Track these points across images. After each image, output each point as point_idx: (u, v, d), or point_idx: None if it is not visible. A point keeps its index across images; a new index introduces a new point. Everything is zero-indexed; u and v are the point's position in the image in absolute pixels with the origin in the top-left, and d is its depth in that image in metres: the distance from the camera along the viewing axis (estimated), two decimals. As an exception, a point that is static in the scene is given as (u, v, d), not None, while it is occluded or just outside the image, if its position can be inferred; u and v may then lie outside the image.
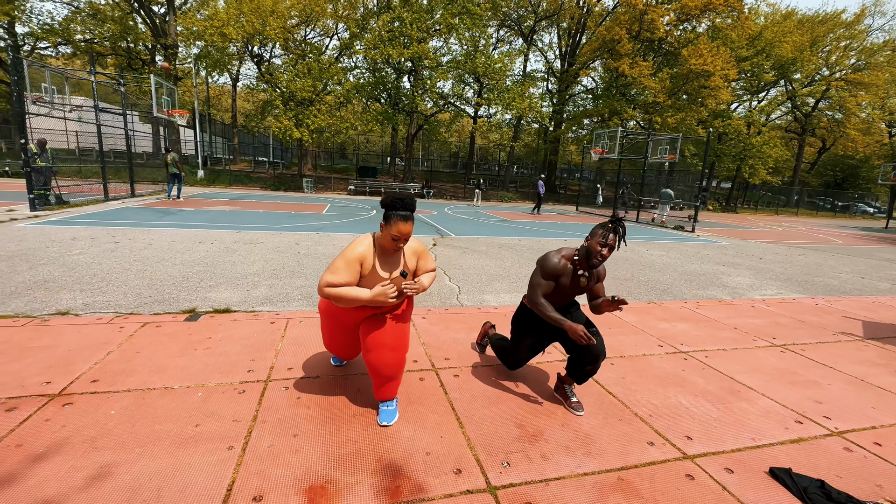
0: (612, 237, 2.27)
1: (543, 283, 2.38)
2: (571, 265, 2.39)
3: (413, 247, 2.27)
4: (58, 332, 3.00)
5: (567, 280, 2.39)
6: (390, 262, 2.18)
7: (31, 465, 1.74)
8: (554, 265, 2.36)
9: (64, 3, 21.10)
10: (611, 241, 2.27)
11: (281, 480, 1.75)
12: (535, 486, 1.82)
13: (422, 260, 2.31)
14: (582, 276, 2.39)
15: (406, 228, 2.03)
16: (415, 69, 22.43)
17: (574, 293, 2.46)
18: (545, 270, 2.37)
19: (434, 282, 2.39)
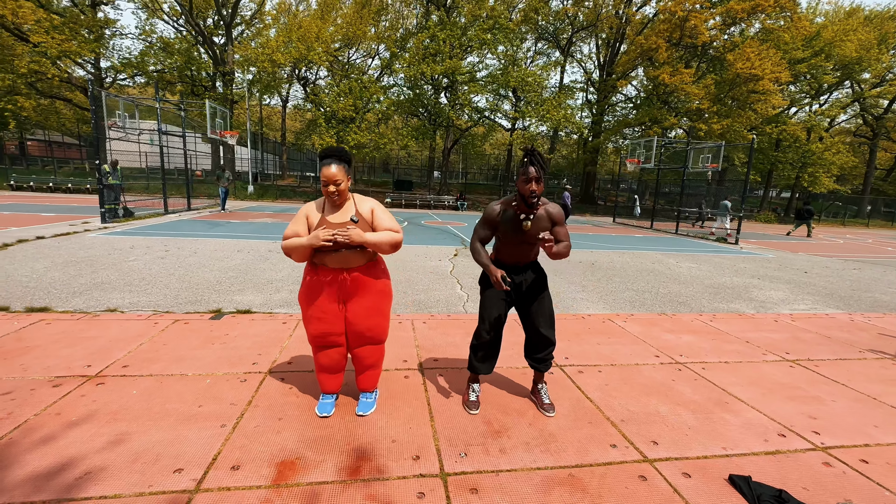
0: (532, 169, 2.15)
1: (480, 231, 2.40)
2: (511, 210, 2.32)
3: (370, 203, 2.29)
4: (104, 326, 3.49)
5: (509, 226, 2.32)
6: (339, 214, 2.21)
7: (65, 429, 2.11)
8: (489, 211, 2.35)
9: (140, 39, 23.72)
10: (532, 174, 2.14)
11: (259, 455, 2.00)
12: (485, 475, 1.95)
13: (376, 212, 2.27)
14: (524, 220, 2.28)
15: (327, 171, 2.11)
16: (451, 85, 23.05)
17: (521, 240, 2.34)
18: (483, 218, 2.38)
19: (391, 243, 2.22)
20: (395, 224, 2.29)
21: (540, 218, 2.30)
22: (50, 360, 2.84)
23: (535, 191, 2.16)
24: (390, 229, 2.24)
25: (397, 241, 2.25)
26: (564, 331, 3.97)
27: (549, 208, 2.32)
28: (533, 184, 2.15)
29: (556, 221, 2.34)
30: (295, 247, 2.16)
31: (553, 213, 2.33)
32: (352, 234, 2.10)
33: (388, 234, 2.21)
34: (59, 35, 19.32)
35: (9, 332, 3.24)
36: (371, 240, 2.16)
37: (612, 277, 6.72)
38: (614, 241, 12.21)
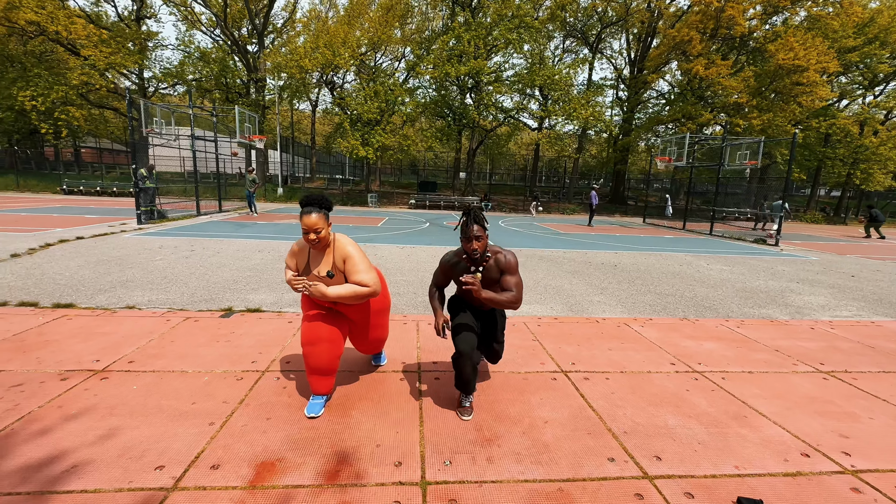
0: (473, 228, 2.24)
1: (439, 277, 2.54)
2: (462, 262, 2.42)
3: (344, 251, 2.30)
4: (120, 322, 3.62)
5: (460, 275, 2.41)
6: (323, 260, 2.32)
7: (62, 422, 2.17)
8: (445, 262, 2.49)
9: (179, 49, 24.95)
10: (473, 232, 2.23)
11: (240, 454, 1.99)
12: (467, 485, 1.85)
13: (347, 264, 2.28)
14: (473, 272, 2.36)
15: (307, 220, 2.17)
16: (476, 85, 22.94)
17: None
18: (439, 265, 2.52)
19: (356, 296, 2.23)
20: (364, 276, 2.25)
21: (489, 269, 2.38)
22: (64, 354, 2.96)
23: (476, 249, 2.25)
24: (358, 282, 2.24)
25: (361, 294, 2.24)
26: (574, 335, 3.80)
27: (500, 257, 2.41)
28: (473, 242, 2.24)
29: (506, 270, 2.38)
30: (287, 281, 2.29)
31: (502, 262, 2.38)
32: (313, 290, 2.17)
33: (351, 289, 2.22)
34: (106, 48, 20.59)
35: (32, 327, 3.41)
36: (332, 295, 2.19)
37: (635, 280, 6.43)
38: (642, 242, 11.74)
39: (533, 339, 3.68)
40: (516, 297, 2.31)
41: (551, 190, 34.62)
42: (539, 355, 3.32)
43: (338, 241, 2.32)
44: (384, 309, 2.62)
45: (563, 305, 4.88)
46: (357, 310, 2.46)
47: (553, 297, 5.24)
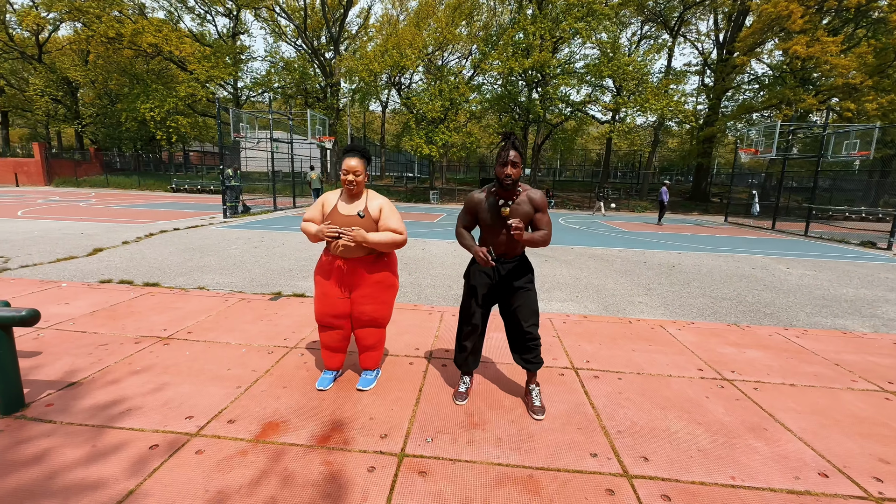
0: (510, 153, 2.12)
1: (464, 218, 2.41)
2: (491, 196, 2.29)
3: (378, 200, 2.45)
4: (189, 300, 4.24)
5: (488, 213, 2.28)
6: (354, 205, 2.43)
7: (128, 376, 2.66)
8: (470, 198, 2.36)
9: (266, 60, 27.53)
10: (510, 157, 2.11)
11: (254, 414, 2.30)
12: (441, 461, 1.97)
13: (383, 212, 2.42)
14: (503, 205, 2.23)
15: (348, 162, 2.34)
16: (542, 79, 22.40)
17: (500, 225, 2.27)
18: (465, 205, 2.39)
19: (392, 243, 2.40)
20: (399, 225, 2.44)
21: (521, 203, 2.25)
22: (142, 322, 3.57)
23: (510, 174, 2.13)
24: (393, 230, 2.41)
25: (397, 241, 2.43)
26: (599, 334, 3.70)
27: (531, 194, 2.29)
28: (509, 167, 2.13)
29: (538, 207, 2.29)
30: (306, 232, 2.47)
31: (535, 199, 2.28)
32: (355, 234, 2.32)
33: (388, 235, 2.39)
34: (207, 63, 23.41)
35: (124, 300, 4.13)
36: (372, 240, 2.35)
37: (690, 282, 5.97)
38: (714, 242, 10.72)
39: (553, 335, 3.65)
40: (549, 235, 2.28)
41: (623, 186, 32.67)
42: (553, 351, 3.30)
43: (370, 192, 2.48)
44: (392, 286, 2.61)
45: (598, 304, 4.72)
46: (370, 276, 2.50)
47: (591, 295, 5.08)
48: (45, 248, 6.69)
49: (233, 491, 1.73)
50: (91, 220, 10.19)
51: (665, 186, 14.40)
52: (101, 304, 3.98)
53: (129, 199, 18.03)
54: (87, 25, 22.94)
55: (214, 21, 27.53)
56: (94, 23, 22.17)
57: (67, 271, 5.29)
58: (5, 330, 2.14)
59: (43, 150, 25.34)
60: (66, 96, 27.94)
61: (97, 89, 28.29)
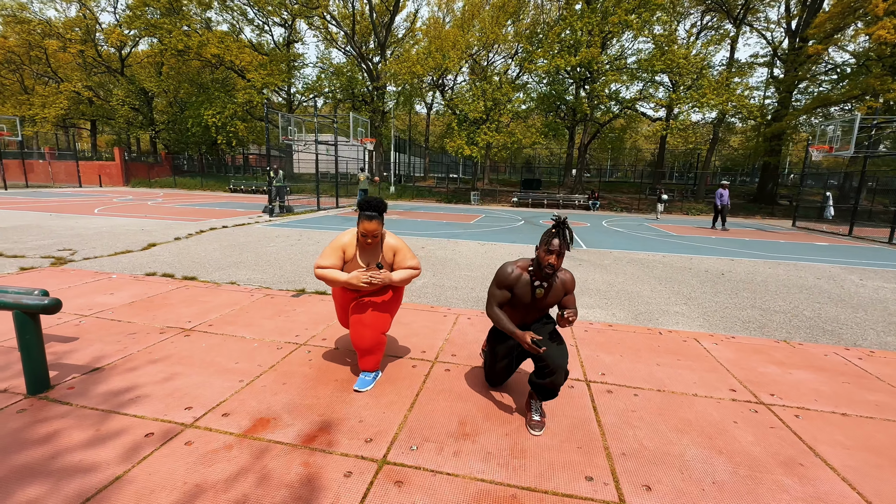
0: (557, 242, 2.11)
1: (497, 294, 2.34)
2: (528, 275, 2.29)
3: (391, 244, 2.58)
4: (218, 294, 4.45)
5: (523, 292, 2.30)
6: (369, 254, 2.56)
7: (146, 364, 2.81)
8: (506, 275, 2.30)
9: (317, 66, 28.73)
10: (555, 247, 2.11)
11: (249, 409, 2.33)
12: (420, 472, 1.88)
13: (398, 255, 2.59)
14: (538, 287, 2.27)
15: (368, 226, 2.39)
16: (590, 76, 21.60)
17: (534, 306, 2.33)
18: (498, 280, 2.33)
19: (411, 278, 2.64)
20: (413, 262, 2.65)
21: (554, 287, 2.30)
22: (171, 314, 3.79)
23: (553, 264, 2.14)
24: (410, 267, 2.63)
25: (415, 276, 2.67)
26: (622, 345, 3.44)
27: (563, 276, 2.33)
28: (554, 257, 2.14)
29: (568, 290, 2.34)
30: (332, 279, 2.51)
31: (566, 282, 2.32)
32: (384, 277, 2.50)
33: (407, 273, 2.61)
34: (263, 71, 24.82)
35: (161, 292, 4.41)
36: (397, 279, 2.57)
37: (739, 292, 5.44)
38: (775, 248, 9.75)
39: (571, 343, 3.43)
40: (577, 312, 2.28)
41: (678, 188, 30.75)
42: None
43: (385, 238, 2.59)
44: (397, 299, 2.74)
45: (628, 313, 4.41)
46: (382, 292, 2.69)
47: (622, 302, 4.76)
48: (108, 242, 7.35)
49: (209, 485, 1.75)
50: (153, 218, 11.10)
51: (722, 188, 13.31)
52: (140, 296, 4.27)
53: (191, 198, 19.49)
54: (161, 40, 25.14)
55: (271, 31, 29.16)
56: (166, 37, 24.26)
57: (121, 264, 5.76)
58: (32, 317, 2.32)
59: (122, 154, 28.07)
60: (142, 105, 30.77)
61: (169, 98, 30.91)
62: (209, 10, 27.27)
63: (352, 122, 14.47)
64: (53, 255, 6.09)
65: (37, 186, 24.53)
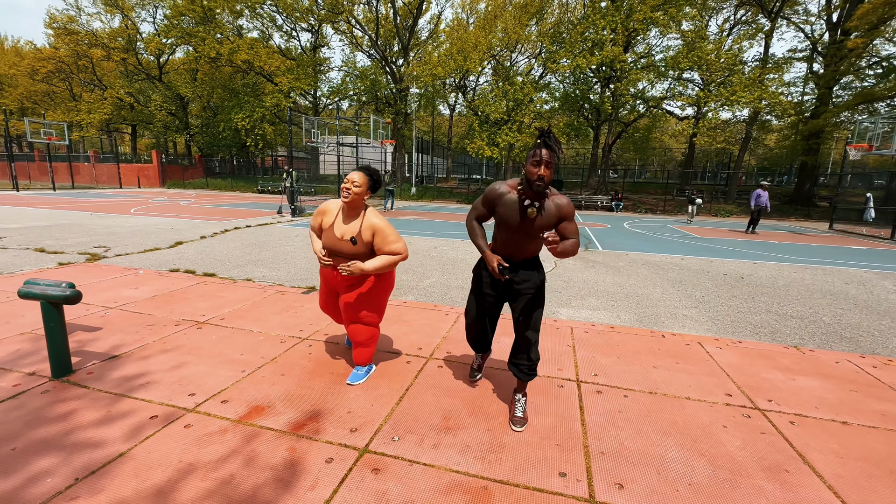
0: (543, 152, 1.97)
1: (479, 207, 2.30)
2: (516, 194, 2.14)
3: (372, 222, 2.46)
4: (233, 290, 4.67)
5: (509, 211, 2.14)
6: (349, 225, 2.50)
7: (158, 353, 3.01)
8: (492, 191, 2.19)
9: (342, 70, 29.37)
10: (543, 156, 1.96)
11: (246, 397, 2.47)
12: (398, 461, 1.96)
13: (378, 237, 2.45)
14: (529, 206, 2.09)
15: (351, 175, 2.45)
16: (614, 75, 21.19)
17: (525, 228, 2.16)
18: (484, 195, 2.25)
19: (392, 265, 2.48)
20: (395, 246, 2.47)
21: (547, 209, 2.12)
22: (188, 308, 4.01)
23: (542, 175, 1.98)
24: (389, 252, 2.46)
25: (396, 262, 2.49)
26: (620, 347, 3.41)
27: (559, 200, 2.15)
28: (543, 168, 1.98)
29: (565, 216, 2.14)
30: (311, 242, 2.58)
31: (562, 206, 2.14)
32: (353, 269, 2.40)
33: (385, 259, 2.45)
34: (290, 75, 25.58)
35: (181, 288, 4.67)
36: (370, 269, 2.42)
37: (757, 296, 5.27)
38: (807, 252, 9.31)
39: (568, 344, 3.44)
40: (578, 244, 2.15)
41: (707, 188, 29.69)
42: (561, 361, 3.11)
43: (367, 213, 2.51)
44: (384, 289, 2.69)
45: (634, 315, 4.36)
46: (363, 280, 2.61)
47: (629, 305, 4.70)
48: (139, 240, 7.80)
49: (201, 465, 1.88)
50: (184, 218, 11.66)
51: (761, 189, 12.70)
52: (162, 290, 4.54)
53: (221, 199, 20.31)
54: (195, 48, 26.31)
55: (298, 37, 29.99)
56: (200, 45, 25.38)
57: (149, 260, 6.11)
58: (56, 307, 2.54)
59: (159, 156, 29.53)
60: (178, 110, 32.26)
61: (202, 103, 32.28)
62: (240, 18, 28.33)
63: (372, 124, 14.76)
64: (89, 252, 6.53)
65: (82, 187, 26.12)
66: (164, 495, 1.70)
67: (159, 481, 1.78)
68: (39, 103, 34.47)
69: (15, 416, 2.21)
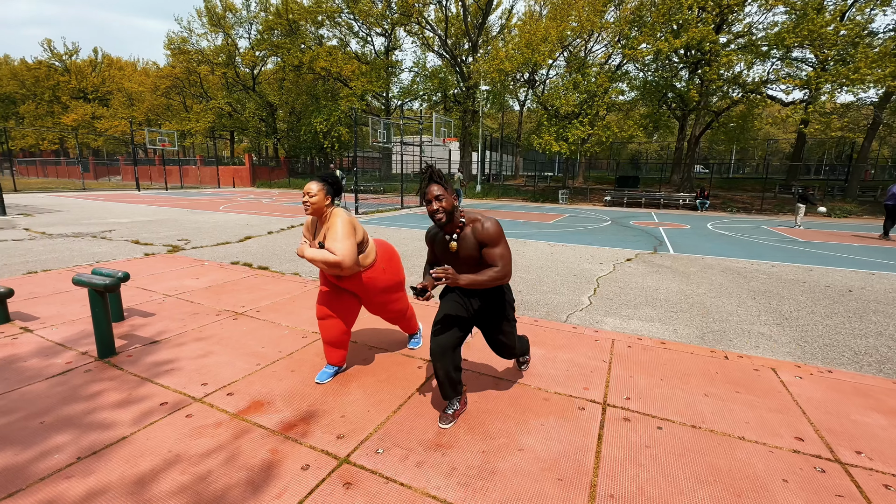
0: (429, 188, 2.00)
1: (428, 254, 2.41)
2: (440, 231, 2.20)
3: (331, 222, 2.46)
4: (278, 283, 4.89)
5: (441, 248, 2.20)
6: (313, 228, 2.58)
7: (192, 341, 3.20)
8: (427, 233, 2.31)
9: (412, 71, 30.05)
10: (430, 192, 1.99)
11: (252, 391, 2.50)
12: (374, 477, 1.82)
13: (329, 233, 2.44)
14: (451, 240, 2.13)
15: (307, 185, 2.45)
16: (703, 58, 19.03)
17: (456, 262, 2.16)
18: (425, 238, 2.33)
19: (325, 262, 2.40)
20: (337, 245, 2.38)
21: (466, 238, 2.10)
22: (233, 299, 4.26)
23: (437, 209, 2.00)
24: (329, 250, 2.40)
25: (329, 261, 2.39)
26: (668, 368, 2.94)
27: (478, 225, 2.08)
28: (433, 203, 2.00)
29: (485, 241, 2.07)
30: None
31: (480, 232, 2.07)
32: (297, 249, 2.52)
33: (320, 254, 2.41)
34: (364, 79, 26.77)
35: (234, 279, 5.00)
36: (308, 256, 2.44)
37: (866, 314, 4.30)
38: (952, 262, 7.48)
39: (604, 360, 3.05)
40: (501, 273, 2.03)
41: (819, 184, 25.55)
42: (590, 379, 2.75)
43: (334, 213, 2.48)
44: (390, 287, 2.71)
45: (695, 330, 3.77)
46: (356, 285, 2.61)
47: (691, 317, 4.09)
48: (217, 234, 8.60)
49: (185, 457, 1.91)
50: (261, 214, 12.70)
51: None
52: (217, 281, 4.90)
53: (299, 197, 21.87)
54: (282, 58, 28.64)
55: (373, 41, 31.26)
56: (286, 55, 27.58)
57: (218, 253, 6.68)
58: (100, 294, 2.79)
59: (250, 159, 32.67)
60: (268, 116, 35.43)
61: (288, 108, 35.10)
62: (321, 28, 30.27)
63: (434, 122, 14.83)
64: (172, 244, 7.32)
65: (189, 187, 29.82)
66: (141, 485, 1.74)
67: (144, 470, 1.83)
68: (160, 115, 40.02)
69: (56, 391, 2.45)
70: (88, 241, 7.54)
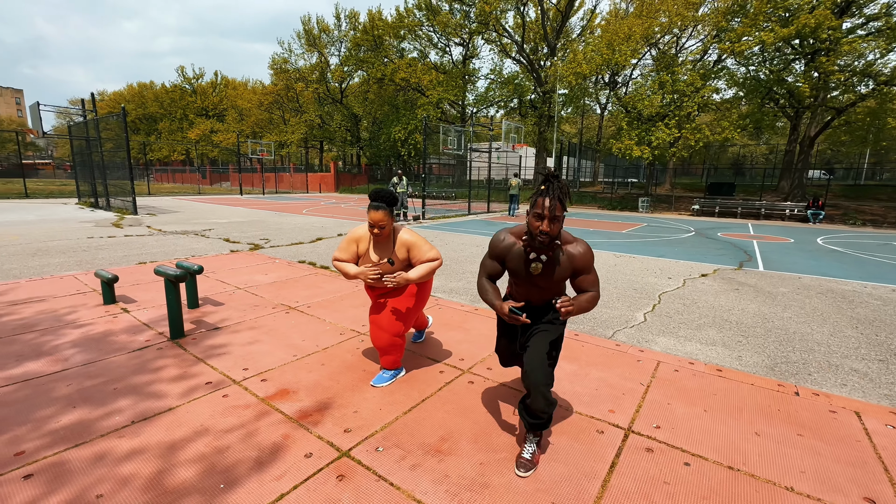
0: (546, 202, 1.71)
1: (488, 263, 2.09)
2: (522, 245, 1.95)
3: (405, 239, 2.58)
4: (333, 282, 5.23)
5: (517, 265, 1.98)
6: (381, 248, 2.62)
7: (245, 329, 3.56)
8: (497, 243, 2.02)
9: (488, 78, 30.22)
10: (546, 209, 1.71)
11: (283, 379, 2.72)
12: (368, 473, 1.88)
13: (413, 251, 2.58)
14: (534, 262, 1.89)
15: (374, 216, 2.45)
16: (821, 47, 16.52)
17: (537, 282, 1.97)
18: (490, 248, 2.08)
19: (431, 271, 2.57)
20: (430, 254, 2.60)
21: (554, 260, 1.90)
22: (290, 294, 4.66)
23: (546, 231, 1.74)
24: (427, 261, 2.59)
25: (434, 268, 2.61)
26: (717, 397, 2.61)
27: (572, 249, 1.91)
28: (546, 222, 1.73)
29: (579, 268, 1.91)
30: (344, 272, 2.67)
31: (575, 257, 1.90)
32: (399, 279, 2.54)
33: (425, 268, 2.57)
34: (440, 87, 27.54)
35: (295, 277, 5.45)
36: (414, 277, 2.55)
37: None
38: None
39: (642, 382, 2.79)
40: (596, 297, 1.94)
41: None
42: (619, 401, 2.54)
43: (399, 233, 2.61)
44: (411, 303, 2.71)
45: (764, 358, 3.29)
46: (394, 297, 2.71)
47: (766, 344, 3.57)
48: (294, 234, 9.43)
49: (212, 431, 2.14)
50: (336, 218, 13.66)
51: None
52: (281, 278, 5.38)
53: (374, 202, 23.10)
54: (366, 72, 30.60)
55: (451, 52, 32.07)
56: (370, 69, 29.43)
57: (290, 252, 7.33)
58: (173, 283, 3.23)
59: (335, 166, 35.28)
60: (353, 126, 38.04)
61: (370, 119, 37.37)
62: (403, 42, 31.81)
63: (504, 128, 14.75)
64: (254, 243, 8.19)
65: (282, 192, 33.06)
66: (171, 450, 1.99)
67: (176, 438, 2.08)
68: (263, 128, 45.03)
69: (133, 363, 2.89)
70: (191, 237, 8.74)
